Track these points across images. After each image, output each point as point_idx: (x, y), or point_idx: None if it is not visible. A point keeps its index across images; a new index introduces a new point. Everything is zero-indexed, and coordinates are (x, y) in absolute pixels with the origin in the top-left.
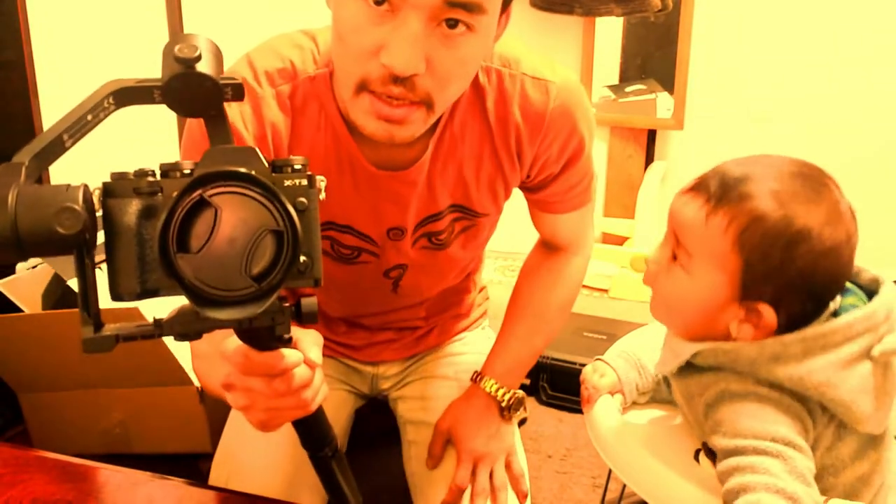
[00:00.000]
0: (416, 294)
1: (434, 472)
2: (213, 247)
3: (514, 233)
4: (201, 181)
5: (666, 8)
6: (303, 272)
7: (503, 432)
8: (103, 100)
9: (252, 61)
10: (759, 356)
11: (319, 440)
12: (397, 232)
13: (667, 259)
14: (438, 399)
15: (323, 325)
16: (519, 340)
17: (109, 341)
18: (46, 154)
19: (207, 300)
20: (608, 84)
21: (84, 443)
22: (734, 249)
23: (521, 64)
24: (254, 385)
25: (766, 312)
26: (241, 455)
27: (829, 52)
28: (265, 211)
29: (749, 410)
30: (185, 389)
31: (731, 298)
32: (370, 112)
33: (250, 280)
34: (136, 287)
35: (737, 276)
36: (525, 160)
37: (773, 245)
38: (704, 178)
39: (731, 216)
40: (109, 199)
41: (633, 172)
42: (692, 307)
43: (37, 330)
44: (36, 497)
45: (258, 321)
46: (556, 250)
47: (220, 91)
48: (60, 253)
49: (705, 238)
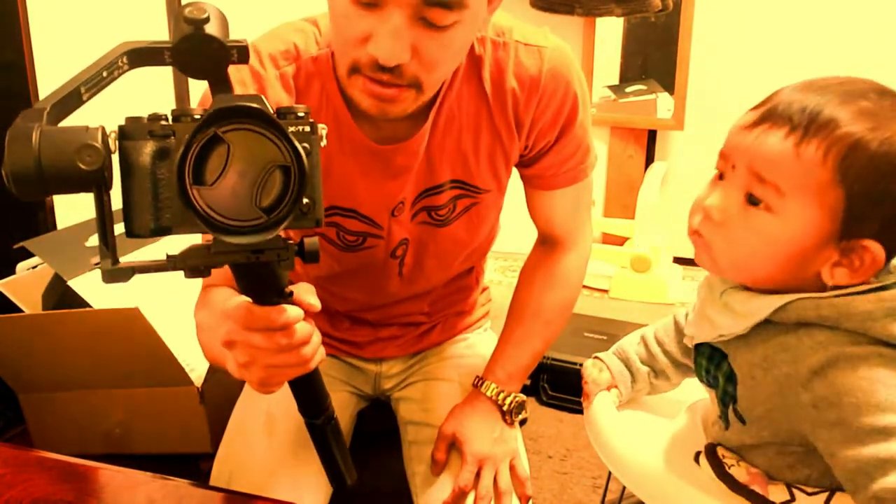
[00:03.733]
0: (421, 280)
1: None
2: (226, 180)
3: (515, 233)
4: (215, 117)
5: (666, 8)
6: (305, 213)
7: (507, 436)
8: (118, 58)
9: (257, 47)
10: (877, 310)
11: (316, 405)
12: (399, 207)
13: (738, 205)
14: (440, 401)
15: (326, 321)
16: (519, 344)
17: (127, 272)
18: (65, 104)
19: (220, 228)
20: (608, 84)
21: (84, 443)
22: (836, 180)
23: (514, 32)
24: (255, 340)
25: (874, 248)
26: (242, 455)
27: (829, 52)
28: (274, 147)
29: (882, 377)
30: (185, 389)
31: (830, 237)
32: (363, 91)
33: (260, 211)
34: (150, 223)
35: (839, 211)
36: (523, 128)
37: (879, 170)
38: (773, 108)
39: (827, 144)
40: (125, 140)
41: (633, 173)
42: (780, 252)
43: (37, 330)
44: (36, 497)
45: (265, 255)
46: (553, 247)
47: (227, 52)
48: (80, 189)
49: (800, 171)
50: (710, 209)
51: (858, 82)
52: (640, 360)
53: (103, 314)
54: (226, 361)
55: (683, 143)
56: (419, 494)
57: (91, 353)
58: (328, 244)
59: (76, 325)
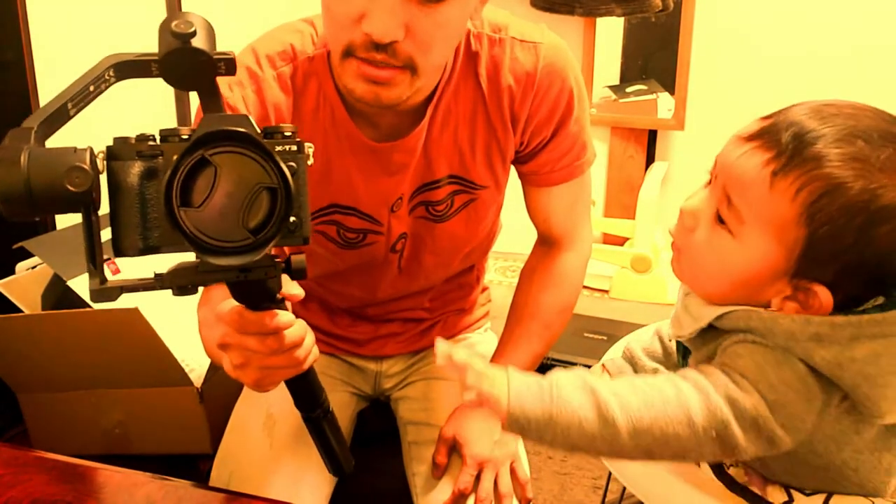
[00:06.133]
0: (420, 275)
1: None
2: (213, 202)
3: (516, 233)
4: (202, 141)
5: (667, 8)
6: (293, 231)
7: (507, 438)
8: (104, 72)
9: (255, 48)
10: (800, 332)
11: (312, 400)
12: (398, 202)
13: (709, 218)
14: (440, 401)
15: (327, 318)
16: (518, 345)
17: (115, 291)
18: (52, 121)
19: (208, 249)
20: (609, 84)
21: (84, 443)
22: (800, 221)
23: (511, 28)
24: (248, 343)
25: (822, 294)
26: (242, 455)
27: (830, 52)
28: (261, 169)
29: (766, 363)
30: (185, 389)
31: (783, 273)
32: (357, 75)
33: (247, 232)
34: (138, 243)
35: (796, 251)
36: (519, 124)
37: (851, 222)
38: (773, 126)
39: (802, 181)
40: (113, 161)
41: (633, 173)
42: (733, 278)
43: (37, 330)
44: (36, 497)
45: (253, 274)
46: (552, 247)
47: (214, 65)
48: (69, 210)
49: (766, 202)
50: (685, 213)
51: (868, 117)
52: (652, 357)
53: (103, 314)
54: (222, 361)
55: (684, 143)
56: (419, 495)
57: (91, 353)
58: (329, 242)
59: (76, 325)
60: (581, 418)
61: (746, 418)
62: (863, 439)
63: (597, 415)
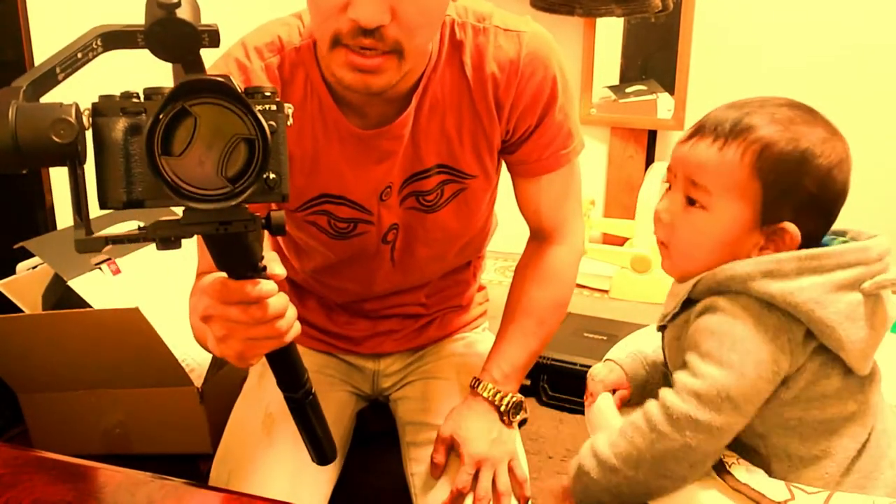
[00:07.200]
0: (414, 268)
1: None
2: (193, 151)
3: (515, 233)
4: (183, 91)
5: (666, 9)
6: (272, 188)
7: (505, 437)
8: (92, 41)
9: (244, 41)
10: (754, 270)
11: (294, 380)
12: (387, 191)
13: (680, 206)
14: (438, 401)
15: (324, 315)
16: (513, 343)
17: (100, 242)
18: (41, 83)
19: (188, 196)
20: (609, 84)
21: (84, 443)
22: (752, 175)
23: (494, 18)
24: (231, 314)
25: (790, 228)
26: (241, 455)
27: (830, 52)
28: (239, 120)
29: (724, 328)
30: (185, 389)
31: (754, 225)
32: (345, 64)
33: (225, 181)
34: (122, 196)
35: (758, 201)
36: (503, 111)
37: (787, 164)
38: (702, 125)
39: (744, 146)
40: (98, 117)
41: (633, 173)
42: (716, 242)
43: (37, 330)
44: (36, 497)
45: (233, 227)
46: (543, 241)
47: (198, 36)
48: (55, 163)
49: (723, 171)
50: (659, 213)
51: (775, 99)
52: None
53: (103, 314)
54: (206, 338)
55: None
56: (418, 495)
57: (91, 353)
58: (321, 233)
59: (76, 325)
60: (589, 479)
61: (710, 397)
62: (831, 382)
63: (596, 463)
